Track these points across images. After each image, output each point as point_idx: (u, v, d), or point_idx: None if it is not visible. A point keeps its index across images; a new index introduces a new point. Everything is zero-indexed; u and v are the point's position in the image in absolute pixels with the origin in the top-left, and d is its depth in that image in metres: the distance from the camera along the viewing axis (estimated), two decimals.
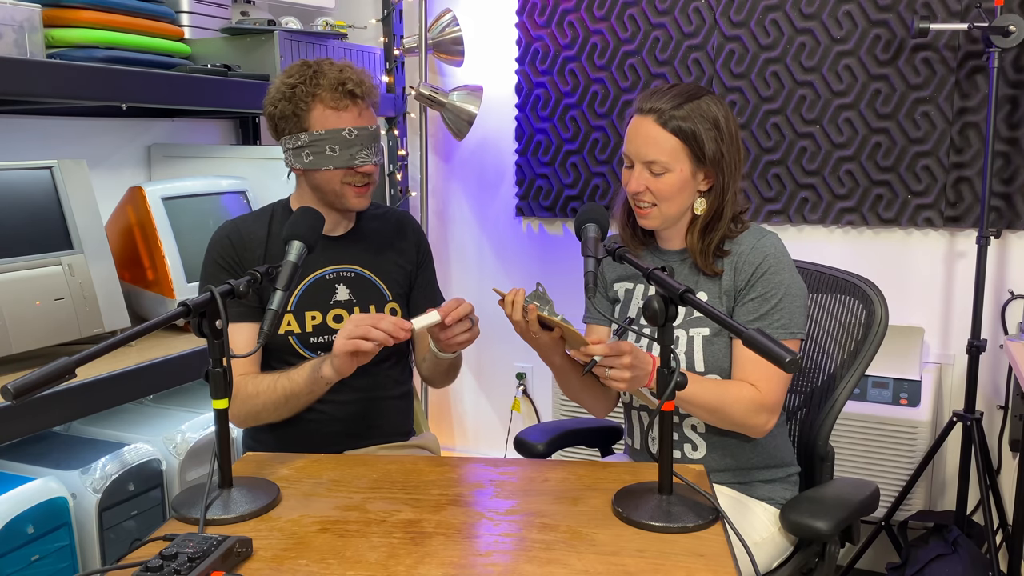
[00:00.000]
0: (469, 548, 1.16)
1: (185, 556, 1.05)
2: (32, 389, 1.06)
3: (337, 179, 1.64)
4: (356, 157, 1.62)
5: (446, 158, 3.20)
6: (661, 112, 1.49)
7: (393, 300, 1.76)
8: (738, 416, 1.48)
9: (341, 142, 1.61)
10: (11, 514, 1.58)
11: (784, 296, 1.51)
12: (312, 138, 1.61)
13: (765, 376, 1.48)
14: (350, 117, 1.62)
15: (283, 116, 1.63)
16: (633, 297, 1.66)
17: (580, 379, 1.63)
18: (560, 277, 3.04)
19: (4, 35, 1.74)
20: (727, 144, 1.51)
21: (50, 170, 1.87)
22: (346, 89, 1.61)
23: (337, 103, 1.61)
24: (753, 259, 1.53)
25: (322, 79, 1.61)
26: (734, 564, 1.11)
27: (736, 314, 1.53)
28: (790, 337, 1.51)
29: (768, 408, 1.49)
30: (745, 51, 2.66)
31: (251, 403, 1.61)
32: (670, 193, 1.51)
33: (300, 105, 1.61)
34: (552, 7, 2.88)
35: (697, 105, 1.50)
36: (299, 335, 1.68)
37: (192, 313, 1.24)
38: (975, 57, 2.42)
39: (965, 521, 2.40)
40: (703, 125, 1.49)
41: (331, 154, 1.61)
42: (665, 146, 1.49)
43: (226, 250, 1.69)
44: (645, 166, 1.51)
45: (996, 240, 2.45)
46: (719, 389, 1.48)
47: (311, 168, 1.63)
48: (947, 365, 2.58)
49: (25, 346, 1.73)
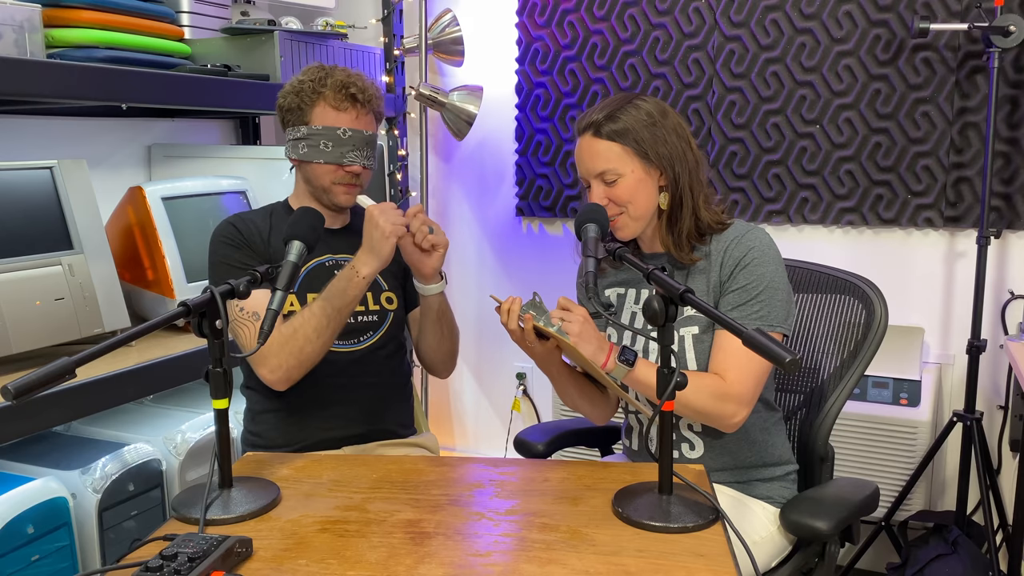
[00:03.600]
0: (469, 548, 1.16)
1: (185, 556, 1.05)
2: (32, 389, 1.06)
3: (327, 176, 1.71)
4: (346, 156, 1.70)
5: (446, 158, 3.20)
6: (594, 124, 1.54)
7: (389, 290, 1.82)
8: (700, 404, 1.46)
9: (335, 139, 1.69)
10: (11, 514, 1.58)
11: (766, 288, 1.50)
12: (310, 131, 1.69)
13: (734, 366, 1.47)
14: (348, 118, 1.71)
15: (289, 108, 1.73)
16: (626, 302, 1.66)
17: (578, 387, 1.64)
18: (560, 277, 3.04)
19: (4, 35, 1.74)
20: (668, 133, 1.53)
21: (50, 170, 1.88)
22: (348, 92, 1.70)
23: (338, 103, 1.70)
24: (737, 252, 1.53)
25: (329, 80, 1.70)
26: (734, 564, 1.11)
27: (720, 307, 1.53)
28: (769, 330, 1.49)
29: (734, 398, 1.46)
30: (745, 51, 2.66)
31: (292, 343, 1.60)
32: (629, 195, 1.53)
33: (305, 100, 1.70)
34: (552, 7, 2.89)
35: (626, 108, 1.53)
36: None
37: (192, 313, 1.24)
38: (975, 57, 2.42)
39: (965, 521, 2.40)
40: (637, 123, 1.52)
41: (324, 149, 1.69)
42: (608, 154, 1.52)
43: (232, 234, 1.73)
44: (599, 180, 1.54)
45: (996, 240, 2.45)
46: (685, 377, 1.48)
47: (304, 160, 1.72)
48: (947, 365, 2.58)
49: (25, 346, 1.73)
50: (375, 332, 1.78)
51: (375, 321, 1.78)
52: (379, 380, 1.79)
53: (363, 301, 1.76)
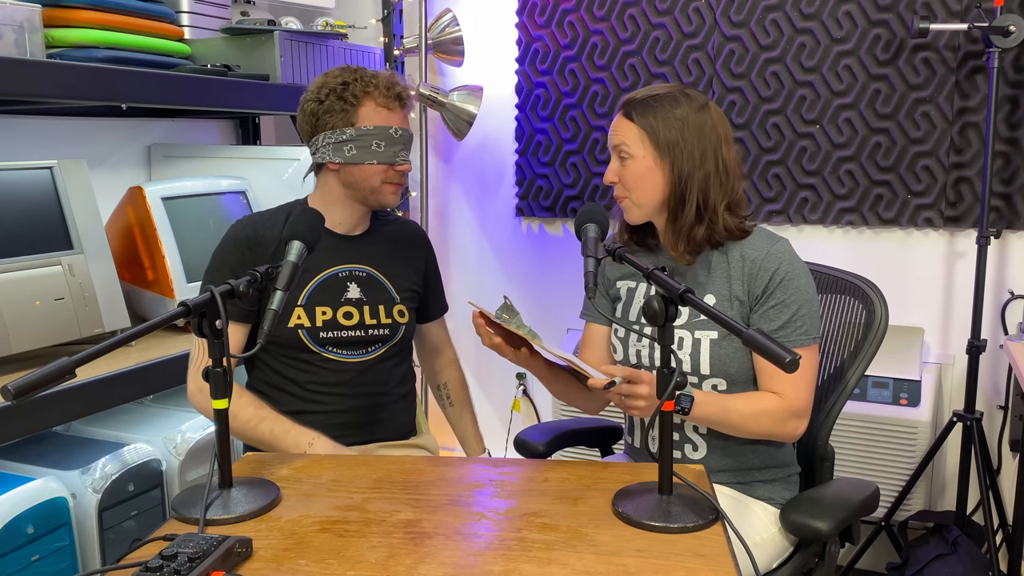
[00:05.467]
0: (469, 548, 1.16)
1: (185, 556, 1.05)
2: (32, 389, 1.06)
3: (378, 175, 1.70)
4: (398, 155, 1.70)
5: (446, 158, 3.20)
6: (628, 103, 1.57)
7: (401, 303, 1.79)
8: (766, 429, 1.50)
9: (388, 139, 1.68)
10: (11, 514, 1.58)
11: (804, 303, 1.53)
12: (359, 133, 1.67)
13: (791, 383, 1.49)
14: (398, 118, 1.71)
15: (329, 111, 1.68)
16: (635, 295, 1.67)
17: (565, 382, 1.65)
18: (560, 277, 3.04)
19: (4, 35, 1.74)
20: (691, 133, 1.53)
21: (50, 170, 1.88)
22: (396, 92, 1.70)
23: (388, 103, 1.69)
24: (769, 265, 1.53)
25: (376, 79, 1.69)
26: (734, 564, 1.11)
27: (754, 321, 1.53)
28: (812, 342, 1.53)
29: (796, 413, 1.50)
30: (745, 51, 2.66)
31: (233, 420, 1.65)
32: (634, 179, 1.55)
33: (351, 100, 1.67)
34: (552, 7, 2.89)
35: (664, 98, 1.55)
36: (309, 329, 1.71)
37: (192, 313, 1.24)
38: (975, 57, 2.42)
39: (965, 521, 2.40)
40: (666, 116, 1.53)
41: (376, 149, 1.68)
42: (628, 133, 1.55)
43: (242, 241, 1.71)
44: (616, 154, 1.57)
45: (996, 240, 2.45)
46: (741, 406, 1.49)
47: (353, 162, 1.68)
48: (947, 365, 2.58)
49: (25, 346, 1.73)
50: (384, 344, 1.77)
51: (386, 335, 1.77)
52: (384, 388, 1.78)
53: (375, 314, 1.75)
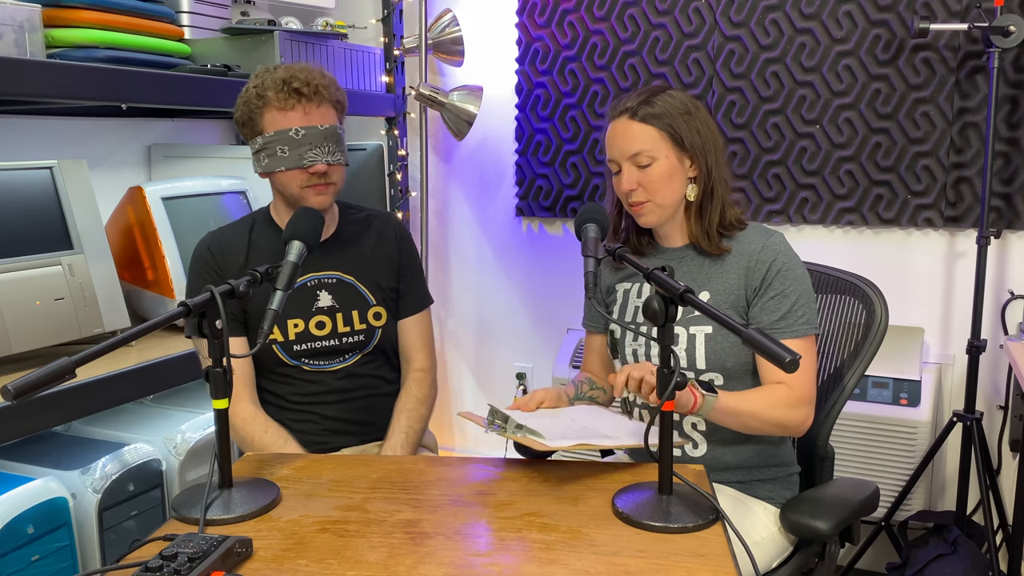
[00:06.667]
0: (469, 548, 1.16)
1: (185, 556, 1.05)
2: (32, 389, 1.06)
3: (295, 181, 1.62)
4: (305, 157, 1.59)
5: (446, 158, 3.20)
6: (631, 109, 1.55)
7: (377, 304, 1.75)
8: (778, 419, 1.50)
9: (289, 142, 1.59)
10: (11, 514, 1.58)
11: (802, 293, 1.54)
12: (265, 141, 1.60)
13: (796, 372, 1.49)
14: (297, 116, 1.59)
15: (243, 122, 1.64)
16: (631, 297, 1.67)
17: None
18: (560, 277, 3.04)
19: (4, 35, 1.74)
20: (702, 126, 1.55)
21: (50, 170, 1.88)
22: (291, 88, 1.58)
23: (283, 103, 1.59)
24: (766, 257, 1.54)
25: (269, 79, 1.59)
26: (734, 564, 1.11)
27: (754, 314, 1.54)
28: (813, 332, 1.54)
29: (805, 400, 1.51)
30: (745, 51, 2.66)
31: (250, 446, 1.67)
32: (660, 183, 1.54)
33: (253, 109, 1.60)
34: (552, 7, 2.88)
35: (662, 97, 1.55)
36: (283, 343, 1.69)
37: (192, 313, 1.24)
38: (975, 57, 2.42)
39: (965, 521, 2.40)
40: (673, 111, 1.53)
41: (281, 155, 1.60)
42: (645, 136, 1.53)
43: (207, 263, 1.69)
44: (631, 162, 1.54)
45: (996, 240, 2.45)
46: (753, 399, 1.49)
47: (268, 171, 1.63)
48: (947, 365, 2.58)
49: (25, 346, 1.74)
50: (360, 351, 1.74)
51: (361, 341, 1.73)
52: (372, 390, 1.77)
53: (348, 321, 1.71)
